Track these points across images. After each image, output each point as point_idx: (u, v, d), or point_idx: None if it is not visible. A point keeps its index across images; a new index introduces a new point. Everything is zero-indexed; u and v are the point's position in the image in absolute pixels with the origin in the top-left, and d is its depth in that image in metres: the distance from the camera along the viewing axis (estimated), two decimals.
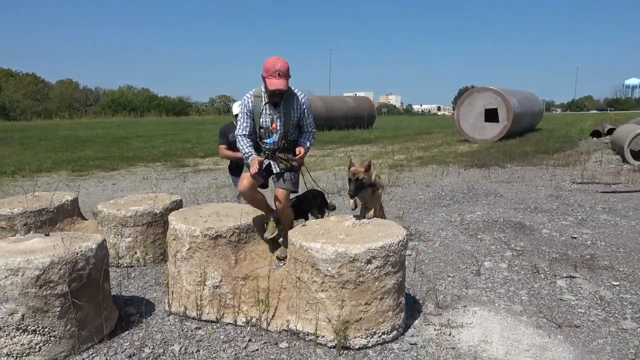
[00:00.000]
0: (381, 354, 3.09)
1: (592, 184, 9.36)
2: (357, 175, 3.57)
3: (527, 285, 4.28)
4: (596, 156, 13.27)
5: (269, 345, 3.20)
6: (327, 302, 3.08)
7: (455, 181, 9.88)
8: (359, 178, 3.57)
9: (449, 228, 6.18)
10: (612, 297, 4.00)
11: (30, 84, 72.09)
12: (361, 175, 3.59)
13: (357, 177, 3.57)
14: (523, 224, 6.32)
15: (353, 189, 3.57)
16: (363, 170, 3.60)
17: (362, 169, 3.60)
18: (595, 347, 3.22)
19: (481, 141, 19.05)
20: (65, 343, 3.05)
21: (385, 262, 3.09)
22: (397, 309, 3.25)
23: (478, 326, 3.52)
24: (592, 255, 5.04)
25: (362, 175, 3.60)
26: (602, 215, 6.80)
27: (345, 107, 29.31)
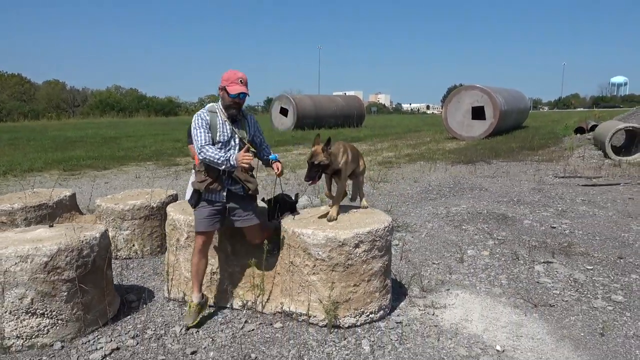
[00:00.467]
0: (369, 332, 3.31)
1: (573, 178, 9.68)
2: (313, 159, 3.37)
3: (507, 270, 4.54)
4: (579, 152, 13.64)
5: (264, 326, 3.41)
6: (319, 284, 3.30)
7: (443, 176, 10.15)
8: (314, 162, 3.37)
9: (435, 220, 6.43)
10: (586, 280, 4.27)
11: (17, 85, 71.40)
12: (318, 159, 3.37)
13: (313, 161, 3.37)
14: (506, 215, 6.59)
15: (310, 175, 3.39)
16: (324, 156, 3.37)
17: (324, 155, 3.37)
18: (567, 323, 3.48)
19: (468, 138, 19.39)
20: (71, 326, 3.24)
21: (372, 246, 3.32)
22: (384, 290, 3.48)
23: (460, 307, 3.76)
24: (570, 242, 5.31)
25: (320, 158, 3.37)
26: (581, 207, 7.10)
27: (334, 106, 29.54)
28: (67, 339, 3.21)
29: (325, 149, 3.37)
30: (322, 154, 3.37)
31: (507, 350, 3.10)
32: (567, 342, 3.20)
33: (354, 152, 3.71)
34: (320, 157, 3.36)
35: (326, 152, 3.38)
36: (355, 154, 3.74)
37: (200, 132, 3.30)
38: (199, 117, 3.34)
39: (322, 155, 3.37)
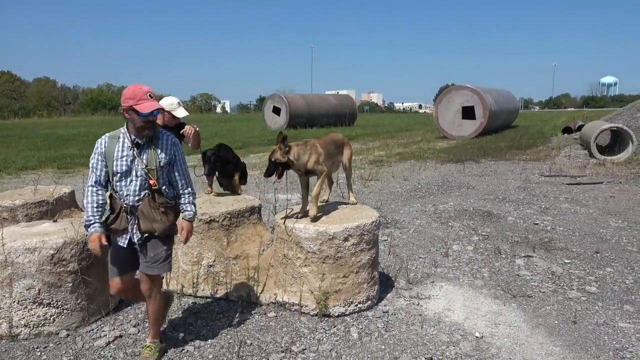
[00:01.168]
0: (357, 320, 3.53)
1: (558, 177, 9.97)
2: (271, 156, 3.41)
3: (489, 264, 4.78)
4: (566, 151, 13.96)
5: (258, 315, 3.61)
6: (310, 276, 3.51)
7: (432, 175, 10.40)
8: (271, 159, 3.40)
9: (423, 217, 6.67)
10: (563, 272, 4.52)
11: (6, 82, 70.88)
12: (274, 156, 3.39)
13: (270, 158, 3.40)
14: (491, 212, 6.84)
15: (266, 171, 3.45)
16: (280, 154, 3.38)
17: (280, 152, 3.38)
18: (543, 312, 3.72)
19: (459, 138, 19.69)
20: (76, 315, 3.42)
21: (360, 239, 3.53)
22: (372, 282, 3.69)
23: (443, 298, 3.99)
24: (550, 238, 5.57)
25: (275, 156, 3.39)
26: (564, 205, 7.37)
27: (327, 105, 29.75)
28: (72, 328, 3.40)
29: (281, 147, 3.39)
30: (278, 152, 3.39)
31: (485, 336, 3.33)
32: (542, 329, 3.44)
33: (328, 148, 3.76)
34: (276, 154, 3.39)
35: (282, 150, 3.39)
36: (332, 151, 3.83)
37: (94, 166, 2.83)
38: (96, 147, 2.86)
39: (279, 153, 3.39)
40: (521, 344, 3.23)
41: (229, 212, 3.95)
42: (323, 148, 3.66)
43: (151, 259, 2.88)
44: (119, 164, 2.80)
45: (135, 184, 2.82)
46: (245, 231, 4.05)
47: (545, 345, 3.23)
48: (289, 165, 3.48)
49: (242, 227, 4.04)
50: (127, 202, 2.82)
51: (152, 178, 2.82)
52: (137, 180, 2.82)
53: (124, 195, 2.82)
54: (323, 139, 3.83)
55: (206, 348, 3.15)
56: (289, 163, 3.46)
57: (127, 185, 2.81)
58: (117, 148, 2.82)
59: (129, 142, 2.83)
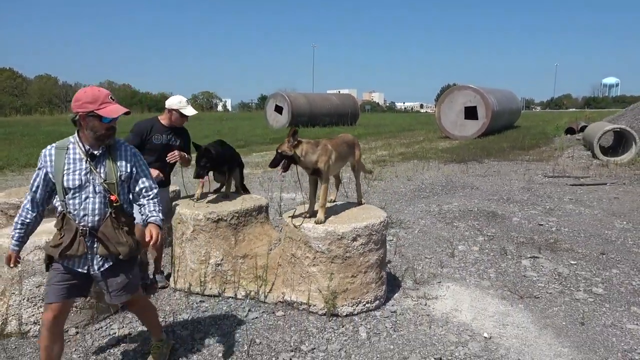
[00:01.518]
0: (365, 320, 3.53)
1: (562, 178, 9.96)
2: (278, 147, 3.45)
3: (496, 264, 4.78)
4: (569, 152, 13.95)
5: (266, 314, 3.62)
6: (318, 275, 3.52)
7: (435, 175, 10.40)
8: (277, 150, 3.45)
9: (427, 217, 6.67)
10: (569, 274, 4.52)
11: (8, 79, 70.92)
12: (281, 148, 3.43)
13: (277, 149, 3.46)
14: (495, 213, 6.84)
15: (271, 161, 3.48)
16: (287, 147, 3.42)
17: (287, 145, 3.42)
18: (551, 313, 3.72)
19: (461, 138, 19.68)
20: (85, 313, 3.43)
21: (368, 239, 3.54)
22: (379, 282, 3.70)
23: (450, 298, 3.99)
24: (556, 239, 5.57)
25: (282, 148, 3.43)
26: (568, 205, 7.37)
27: (329, 105, 29.75)
28: (81, 325, 3.40)
29: (290, 140, 3.41)
30: (286, 144, 3.41)
31: (493, 337, 3.33)
32: (550, 330, 3.44)
33: (340, 149, 3.76)
34: (283, 146, 3.41)
35: (291, 143, 3.42)
36: (344, 153, 3.85)
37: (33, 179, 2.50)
38: (39, 160, 2.52)
39: (286, 145, 3.41)
40: (529, 345, 3.23)
41: (237, 211, 3.95)
42: (335, 149, 3.66)
43: (118, 286, 2.57)
44: (71, 178, 2.43)
45: (94, 202, 2.46)
46: (253, 230, 4.06)
47: (553, 346, 3.23)
48: (295, 160, 3.48)
49: (249, 226, 4.05)
50: (85, 223, 2.44)
51: (112, 193, 2.48)
52: (96, 197, 2.46)
53: (81, 216, 2.44)
54: (335, 140, 3.83)
55: (216, 347, 3.16)
56: (295, 158, 3.47)
57: (82, 203, 2.44)
58: (67, 160, 2.46)
59: (82, 154, 2.47)
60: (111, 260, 2.53)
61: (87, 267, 2.51)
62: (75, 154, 2.47)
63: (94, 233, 2.46)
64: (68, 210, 2.46)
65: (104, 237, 2.46)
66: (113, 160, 2.53)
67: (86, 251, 2.46)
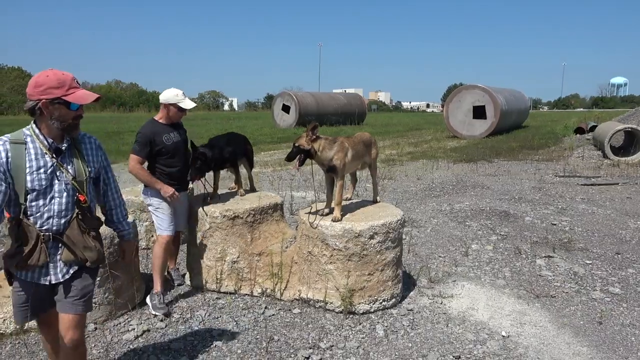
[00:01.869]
0: (382, 318, 3.53)
1: (573, 177, 9.91)
2: (297, 141, 3.44)
3: (510, 263, 4.76)
4: (579, 152, 13.87)
5: (283, 312, 3.63)
6: (335, 273, 3.52)
7: (445, 174, 10.37)
8: (295, 145, 3.44)
9: (439, 216, 6.66)
10: (585, 273, 4.49)
11: (17, 78, 71.38)
12: (298, 142, 3.42)
13: (294, 143, 3.45)
14: (508, 212, 6.81)
15: (288, 155, 3.44)
16: (305, 140, 3.41)
17: (306, 139, 3.42)
18: (568, 313, 3.71)
19: (469, 137, 19.61)
20: (103, 309, 3.45)
21: (385, 237, 3.53)
22: (396, 280, 3.70)
23: (466, 297, 3.98)
24: (570, 239, 5.54)
25: (300, 141, 3.42)
26: (580, 205, 7.32)
27: (336, 104, 29.74)
28: (100, 321, 3.43)
29: (309, 134, 3.41)
30: (304, 138, 3.39)
31: (511, 335, 3.32)
32: (568, 329, 3.43)
33: (357, 148, 3.77)
34: (301, 140, 3.39)
35: (309, 137, 3.41)
36: (360, 151, 3.84)
37: None
38: None
39: (304, 139, 3.39)
40: (548, 344, 3.22)
41: (252, 209, 3.96)
42: (352, 148, 3.65)
43: (79, 293, 2.23)
44: (36, 178, 2.09)
45: (60, 202, 2.15)
46: (268, 228, 4.06)
47: (572, 345, 3.21)
48: (311, 155, 3.47)
49: (265, 224, 4.06)
50: (49, 227, 2.14)
51: (81, 193, 2.19)
52: (63, 196, 2.15)
53: (44, 219, 2.12)
54: (352, 138, 3.83)
55: (234, 343, 3.17)
56: (312, 152, 3.46)
57: (47, 205, 2.13)
58: (28, 158, 2.09)
59: (44, 148, 2.12)
60: (75, 267, 2.23)
61: (49, 277, 2.18)
62: (37, 148, 2.11)
63: (58, 238, 2.15)
64: (26, 214, 2.10)
65: (69, 241, 2.16)
66: (80, 155, 2.23)
67: (47, 260, 2.13)
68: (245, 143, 4.40)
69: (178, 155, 3.81)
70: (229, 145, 4.15)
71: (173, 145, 3.78)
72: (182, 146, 3.88)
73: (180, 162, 3.84)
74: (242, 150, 4.35)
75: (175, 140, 3.81)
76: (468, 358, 3.03)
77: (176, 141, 3.81)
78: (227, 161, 4.15)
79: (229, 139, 4.22)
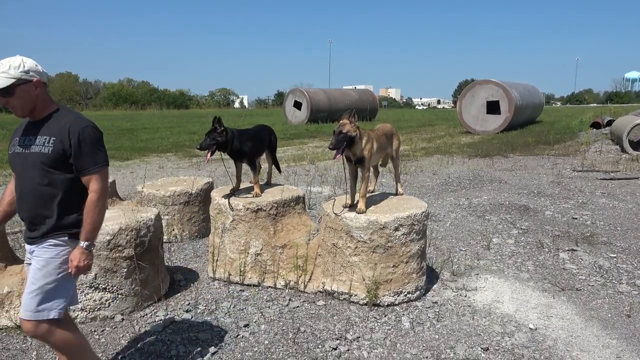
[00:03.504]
0: (407, 310, 3.52)
1: (591, 172, 9.78)
2: (342, 127, 3.34)
3: (533, 257, 4.72)
4: (596, 146, 13.69)
5: (307, 303, 3.63)
6: (360, 265, 3.51)
7: (461, 169, 10.30)
8: (342, 131, 3.33)
9: (457, 210, 6.61)
10: (610, 266, 4.44)
11: None
12: (346, 128, 3.33)
13: (341, 129, 3.33)
14: (527, 206, 6.75)
15: (334, 142, 3.31)
16: (351, 127, 3.34)
17: (350, 125, 3.34)
18: (595, 306, 3.66)
19: (483, 133, 19.46)
20: (130, 300, 3.48)
21: (410, 229, 3.52)
22: (420, 272, 3.68)
23: (490, 290, 3.95)
24: (592, 232, 5.47)
25: (347, 128, 3.33)
26: (601, 199, 7.23)
27: (347, 100, 29.66)
28: (126, 312, 3.46)
29: (352, 120, 3.36)
30: (349, 125, 3.34)
31: (539, 328, 3.29)
32: (596, 322, 3.39)
33: (381, 141, 3.78)
34: (348, 126, 3.33)
35: (354, 124, 3.37)
36: (383, 143, 3.84)
37: None
38: None
39: (349, 125, 3.34)
40: (577, 336, 3.19)
41: (275, 202, 3.97)
42: (376, 140, 3.64)
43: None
44: None
45: None
46: (291, 220, 4.07)
47: (601, 337, 3.18)
48: (354, 143, 3.40)
49: (288, 217, 4.06)
50: None
51: None
52: None
53: None
54: (375, 131, 3.81)
55: (260, 334, 3.18)
56: (356, 140, 3.40)
57: None
58: None
59: None
60: None
61: None
62: None
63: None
64: None
65: None
66: None
67: None
68: (270, 135, 4.35)
69: (21, 178, 2.28)
70: (252, 141, 4.06)
71: (12, 158, 2.32)
72: (30, 163, 2.24)
73: (25, 190, 2.28)
74: (266, 144, 4.30)
75: (17, 151, 2.29)
76: (496, 350, 3.01)
77: (18, 152, 2.29)
78: (245, 155, 4.03)
79: (255, 134, 4.15)
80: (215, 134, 3.75)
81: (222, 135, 3.78)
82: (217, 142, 3.77)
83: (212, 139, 3.75)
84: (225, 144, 3.83)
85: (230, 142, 3.84)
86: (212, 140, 3.75)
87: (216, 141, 3.76)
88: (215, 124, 3.75)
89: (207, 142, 3.74)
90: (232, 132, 3.87)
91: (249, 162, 4.07)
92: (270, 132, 4.36)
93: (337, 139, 3.31)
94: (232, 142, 3.86)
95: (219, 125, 3.76)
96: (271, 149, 4.39)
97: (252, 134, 4.13)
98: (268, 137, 4.30)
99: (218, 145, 3.79)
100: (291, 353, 2.96)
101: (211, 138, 3.74)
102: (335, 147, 3.31)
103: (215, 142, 3.76)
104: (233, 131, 3.89)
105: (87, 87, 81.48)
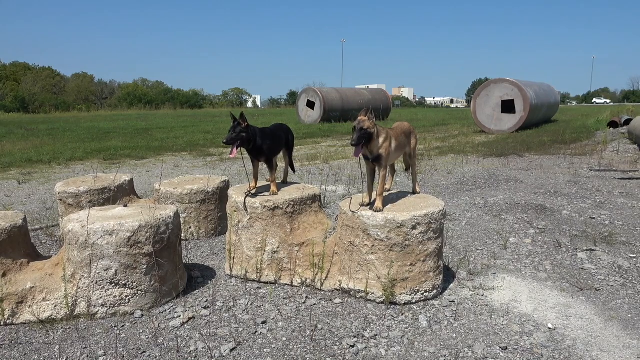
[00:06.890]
0: (424, 309, 3.52)
1: (609, 172, 9.65)
2: (362, 124, 3.33)
3: (551, 257, 4.67)
4: (613, 146, 13.50)
5: (324, 301, 3.65)
6: (377, 263, 3.52)
7: (476, 169, 10.23)
8: (363, 128, 3.33)
9: (473, 209, 6.57)
10: (630, 267, 4.38)
11: (48, 78, 73.38)
12: (366, 124, 3.33)
13: (362, 126, 3.33)
14: (544, 206, 6.68)
15: (356, 138, 3.30)
16: (370, 123, 3.34)
17: (370, 122, 3.34)
18: (614, 306, 3.62)
19: (498, 132, 19.30)
20: (149, 296, 3.53)
21: (428, 228, 3.51)
22: (437, 271, 3.67)
23: (507, 289, 3.93)
24: (610, 232, 5.40)
25: (367, 124, 3.33)
26: (619, 199, 7.13)
27: (361, 100, 29.62)
28: (146, 309, 3.51)
29: (370, 117, 3.36)
30: (368, 121, 3.34)
31: (558, 328, 3.26)
32: (616, 322, 3.35)
33: (400, 140, 3.78)
34: (367, 123, 3.33)
35: (372, 120, 3.37)
36: (402, 142, 3.84)
37: None
38: None
39: (369, 122, 3.34)
40: (596, 337, 3.15)
41: (292, 200, 3.99)
42: (395, 138, 3.64)
43: None
44: None
45: None
46: (307, 219, 4.08)
47: (621, 338, 3.14)
48: (371, 138, 3.40)
49: (304, 215, 4.08)
50: None
51: None
52: None
53: None
54: (394, 129, 3.81)
55: (278, 331, 3.20)
56: (374, 137, 3.41)
57: None
58: None
59: None
60: None
61: None
62: None
63: None
64: None
65: None
66: None
67: None
68: (287, 133, 4.37)
69: None
70: (271, 139, 4.07)
71: None
72: None
73: None
74: (283, 142, 4.31)
75: None
76: (515, 349, 3.00)
77: None
78: (264, 153, 4.04)
79: (273, 132, 4.16)
80: (240, 128, 3.78)
81: (246, 130, 3.80)
82: (242, 138, 3.79)
83: (237, 134, 3.77)
84: (249, 140, 3.86)
85: (253, 138, 3.87)
86: (237, 135, 3.77)
87: (241, 136, 3.78)
88: (239, 119, 3.78)
89: (232, 136, 3.76)
90: (254, 129, 3.90)
91: (266, 161, 4.08)
92: (288, 131, 4.38)
93: (359, 135, 3.30)
94: (255, 139, 3.88)
95: (243, 121, 3.79)
96: (288, 148, 4.41)
97: (271, 132, 4.14)
98: (285, 136, 4.32)
99: (242, 141, 3.80)
100: (309, 350, 2.98)
101: (236, 133, 3.76)
102: (357, 142, 3.30)
103: (239, 138, 3.78)
104: (254, 129, 3.91)
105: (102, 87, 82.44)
